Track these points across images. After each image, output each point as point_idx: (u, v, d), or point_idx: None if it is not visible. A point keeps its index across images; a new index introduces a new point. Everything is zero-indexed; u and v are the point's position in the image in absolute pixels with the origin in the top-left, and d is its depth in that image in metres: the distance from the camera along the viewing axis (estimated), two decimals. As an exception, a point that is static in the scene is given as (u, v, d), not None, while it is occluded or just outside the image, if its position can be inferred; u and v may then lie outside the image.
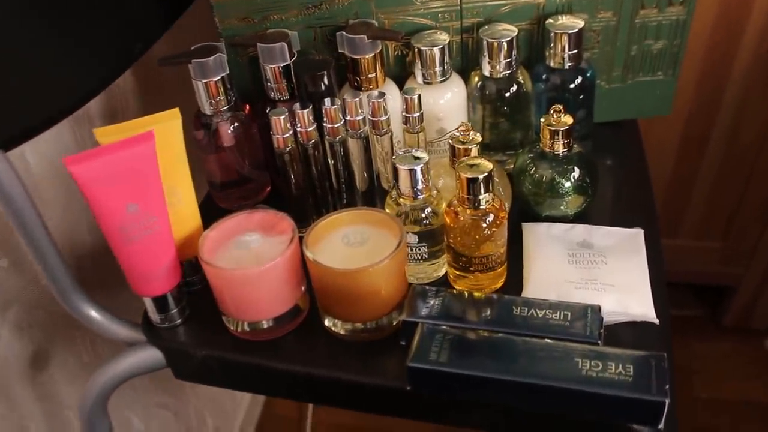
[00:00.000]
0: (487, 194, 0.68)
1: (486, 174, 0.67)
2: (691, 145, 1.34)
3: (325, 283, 0.67)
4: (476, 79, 0.82)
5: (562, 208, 0.77)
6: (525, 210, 0.79)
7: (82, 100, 0.74)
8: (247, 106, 0.82)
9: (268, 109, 0.80)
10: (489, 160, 0.69)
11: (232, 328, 0.71)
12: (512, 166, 0.84)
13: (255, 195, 0.86)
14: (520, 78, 0.80)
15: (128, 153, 0.65)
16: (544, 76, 0.81)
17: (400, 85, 0.82)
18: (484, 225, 0.69)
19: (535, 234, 0.76)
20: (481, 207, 0.68)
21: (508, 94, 0.80)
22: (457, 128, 0.73)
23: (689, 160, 1.36)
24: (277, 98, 0.80)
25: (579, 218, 0.78)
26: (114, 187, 0.65)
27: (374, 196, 0.80)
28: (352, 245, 0.68)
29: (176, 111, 0.69)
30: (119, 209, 0.66)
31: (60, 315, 0.88)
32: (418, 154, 0.70)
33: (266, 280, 0.68)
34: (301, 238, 0.68)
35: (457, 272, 0.72)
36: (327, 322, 0.71)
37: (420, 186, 0.69)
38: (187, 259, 0.74)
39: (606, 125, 0.89)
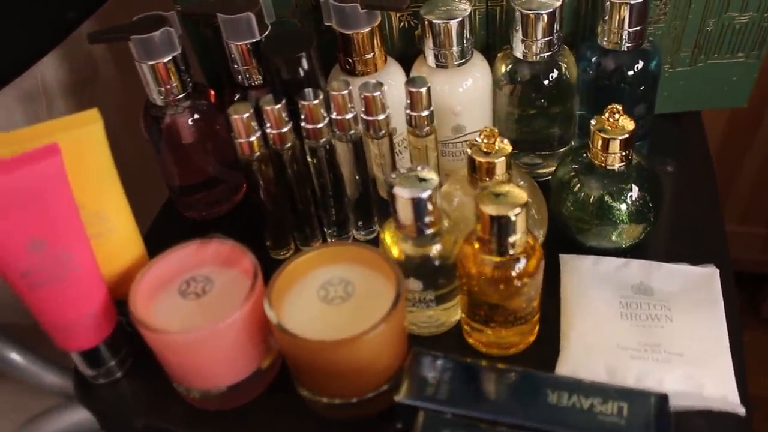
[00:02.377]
0: (518, 236, 0.45)
1: (518, 211, 0.44)
2: (738, 128, 1.08)
3: (297, 355, 0.45)
4: (505, 61, 0.57)
5: (613, 238, 0.53)
6: (563, 236, 0.55)
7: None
8: (212, 92, 0.59)
9: (237, 96, 0.57)
10: (521, 186, 0.46)
11: (182, 392, 0.51)
12: (544, 171, 0.61)
13: (226, 199, 0.63)
14: (563, 61, 0.56)
15: (24, 173, 0.43)
16: (593, 59, 0.56)
17: (407, 66, 0.58)
18: (513, 274, 0.47)
19: (577, 272, 0.53)
20: (509, 253, 0.46)
21: (546, 82, 0.56)
22: (479, 134, 0.50)
23: (735, 142, 1.10)
24: (246, 84, 0.56)
25: (633, 250, 0.55)
26: (6, 220, 0.43)
27: (369, 205, 0.57)
28: (332, 302, 0.46)
29: (95, 112, 0.46)
30: (17, 248, 0.44)
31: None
32: (426, 174, 0.47)
33: (220, 343, 0.46)
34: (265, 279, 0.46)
35: (473, 323, 0.50)
36: (302, 391, 0.50)
37: (426, 219, 0.47)
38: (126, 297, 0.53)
39: (661, 118, 0.65)
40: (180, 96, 0.55)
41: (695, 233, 0.58)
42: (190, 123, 0.57)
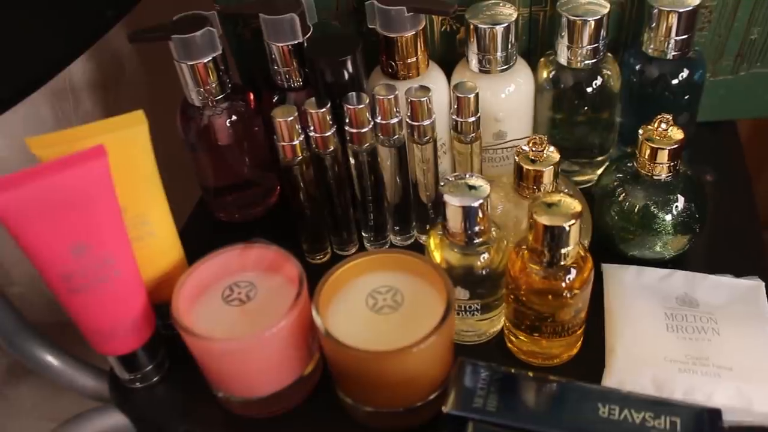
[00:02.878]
0: (570, 247, 0.44)
1: (573, 222, 0.43)
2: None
3: (344, 363, 0.44)
4: (548, 67, 0.56)
5: (657, 248, 0.52)
6: (605, 245, 0.54)
7: (37, 80, 0.50)
8: (251, 95, 0.58)
9: (275, 98, 0.56)
10: (573, 196, 0.45)
11: (221, 398, 0.49)
12: (581, 179, 0.60)
13: (260, 202, 0.62)
14: (607, 68, 0.55)
15: (70, 175, 0.41)
16: (637, 67, 0.55)
17: (447, 70, 0.57)
18: (563, 285, 0.45)
19: (620, 282, 0.52)
20: (560, 264, 0.45)
21: (589, 90, 0.54)
22: (527, 141, 0.49)
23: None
24: (286, 86, 0.55)
25: (674, 260, 0.54)
26: (51, 223, 0.42)
27: (408, 211, 0.56)
28: (381, 311, 0.45)
29: (140, 114, 0.45)
30: (60, 252, 0.43)
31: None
32: (475, 181, 0.46)
33: (264, 352, 0.45)
34: (311, 289, 0.45)
35: (517, 332, 0.49)
36: (344, 399, 0.48)
37: (477, 228, 0.46)
38: (163, 301, 0.51)
39: (698, 126, 0.63)
40: (219, 97, 0.54)
41: (735, 244, 0.56)
42: (228, 124, 0.55)
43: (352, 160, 0.51)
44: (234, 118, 0.55)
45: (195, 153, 0.57)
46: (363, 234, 0.57)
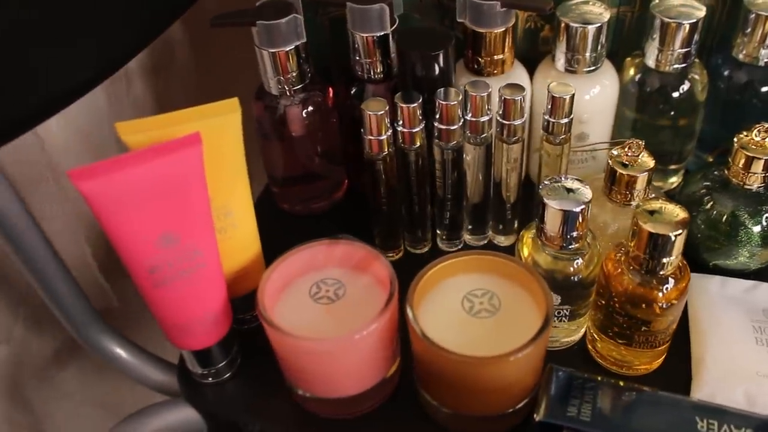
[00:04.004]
0: (673, 257, 0.42)
1: (680, 232, 0.41)
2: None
3: (436, 366, 0.42)
4: (634, 69, 0.54)
5: (743, 259, 0.50)
6: (688, 253, 0.51)
7: (113, 65, 0.47)
8: (330, 90, 0.55)
9: (353, 89, 0.54)
10: (680, 207, 0.43)
11: (298, 396, 0.47)
12: (657, 185, 0.58)
13: (326, 196, 0.59)
14: (695, 74, 0.53)
15: (163, 163, 0.39)
16: (726, 72, 0.53)
17: (529, 68, 0.55)
18: (660, 295, 0.44)
19: (705, 293, 0.50)
20: (659, 273, 0.43)
21: (676, 94, 0.52)
22: (624, 146, 0.47)
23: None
24: (366, 77, 0.52)
25: (758, 271, 0.52)
26: (142, 212, 0.40)
27: (486, 210, 0.54)
28: (478, 314, 0.43)
29: (235, 102, 0.42)
30: (148, 242, 0.40)
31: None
32: (573, 184, 0.44)
33: (352, 354, 0.43)
34: (401, 290, 0.43)
35: (604, 340, 0.47)
36: (430, 401, 0.45)
37: (574, 234, 0.44)
38: (239, 295, 0.50)
39: None
40: (297, 87, 0.52)
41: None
42: (303, 115, 0.53)
43: (436, 157, 0.49)
44: (310, 108, 0.53)
45: (266, 141, 0.55)
46: (437, 232, 0.55)
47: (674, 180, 0.58)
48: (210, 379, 0.48)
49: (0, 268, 0.60)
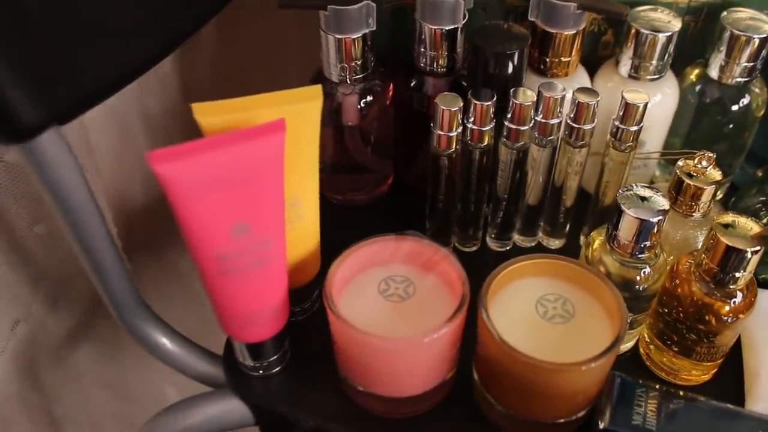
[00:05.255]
0: (746, 272, 0.43)
1: (758, 248, 0.41)
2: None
3: (506, 368, 0.41)
4: (695, 78, 0.54)
5: (792, 274, 0.52)
6: None
7: (170, 45, 0.45)
8: (391, 86, 0.53)
9: (413, 82, 0.53)
10: (754, 220, 0.43)
11: (352, 391, 0.46)
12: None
13: (370, 189, 0.58)
14: (756, 88, 0.53)
15: (245, 150, 0.37)
16: (784, 88, 0.54)
17: (589, 72, 0.54)
18: (726, 309, 0.44)
19: (757, 307, 0.51)
20: (729, 286, 0.43)
21: (735, 108, 0.53)
22: (694, 156, 0.47)
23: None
24: (428, 69, 0.51)
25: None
26: (219, 198, 0.38)
27: (540, 214, 0.54)
28: (552, 320, 0.43)
29: (318, 89, 0.41)
30: (222, 230, 0.39)
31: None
32: (647, 193, 0.44)
33: (418, 355, 0.42)
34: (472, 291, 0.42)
35: (662, 350, 0.47)
36: (495, 406, 0.44)
37: (648, 243, 0.44)
38: (294, 288, 0.48)
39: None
40: (359, 76, 0.50)
41: None
42: (361, 105, 0.52)
43: (501, 156, 0.49)
44: (369, 98, 0.52)
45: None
46: (488, 230, 0.54)
47: (719, 192, 0.59)
48: (261, 372, 0.47)
49: (22, 240, 0.58)
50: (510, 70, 0.48)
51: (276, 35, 0.80)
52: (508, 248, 0.55)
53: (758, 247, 0.41)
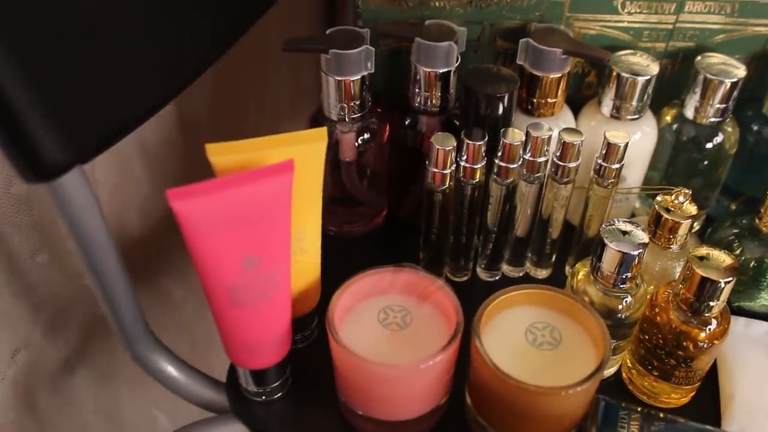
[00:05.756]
0: (720, 301, 0.46)
1: (730, 279, 0.45)
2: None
3: (498, 391, 0.45)
4: (671, 117, 0.58)
5: (763, 302, 0.55)
6: None
7: (180, 86, 0.49)
8: (388, 125, 0.57)
9: (407, 120, 0.56)
10: (727, 253, 0.47)
11: (356, 413, 0.49)
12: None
13: (365, 221, 0.62)
14: (728, 128, 0.58)
15: (257, 188, 0.41)
16: (755, 128, 0.58)
17: (574, 110, 0.58)
18: (702, 335, 0.48)
19: (731, 333, 0.54)
20: (705, 314, 0.47)
21: (709, 146, 0.57)
22: (671, 192, 0.51)
23: None
24: (422, 109, 0.55)
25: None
26: (232, 235, 0.41)
27: (527, 245, 0.57)
28: (541, 347, 0.46)
29: (323, 131, 0.44)
30: (234, 264, 0.42)
31: (100, 316, 0.65)
32: (627, 227, 0.47)
33: (416, 381, 0.45)
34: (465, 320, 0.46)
35: (643, 375, 0.51)
36: (481, 421, 0.48)
37: (629, 274, 0.47)
38: (295, 317, 0.51)
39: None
40: (356, 115, 0.54)
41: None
42: (358, 142, 0.55)
43: (491, 192, 0.52)
44: (366, 136, 0.55)
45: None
46: (479, 261, 0.58)
47: (696, 224, 0.63)
48: (263, 397, 0.50)
49: (24, 269, 0.60)
50: (500, 111, 0.52)
51: (269, 69, 0.84)
52: (497, 278, 0.58)
53: (730, 278, 0.45)
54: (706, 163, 0.58)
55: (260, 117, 0.91)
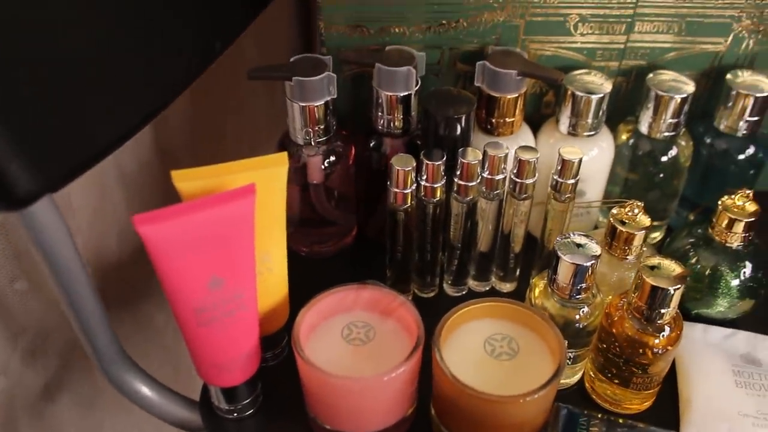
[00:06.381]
0: (671, 308, 0.49)
1: (679, 286, 0.48)
2: None
3: (459, 402, 0.47)
4: (627, 133, 0.61)
5: (721, 308, 0.58)
6: None
7: (150, 116, 0.52)
8: (353, 147, 0.60)
9: (372, 142, 0.59)
10: (677, 262, 0.49)
11: (324, 427, 0.51)
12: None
13: (335, 241, 0.64)
14: (682, 141, 0.61)
15: (220, 212, 0.43)
16: (708, 140, 0.61)
17: (531, 128, 0.61)
18: (656, 342, 0.50)
19: (689, 339, 0.57)
20: (657, 322, 0.50)
21: (664, 159, 0.60)
22: (626, 205, 0.54)
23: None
24: (385, 131, 0.58)
25: (736, 320, 0.59)
26: (197, 257, 0.44)
27: (491, 260, 0.60)
28: (499, 357, 0.49)
29: (284, 156, 0.47)
30: (199, 285, 0.44)
31: (80, 341, 0.67)
32: (582, 240, 0.50)
33: (381, 393, 0.47)
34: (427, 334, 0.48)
35: (603, 382, 0.53)
36: (443, 431, 0.51)
37: (583, 285, 0.50)
38: (265, 335, 0.53)
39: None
40: (322, 139, 0.57)
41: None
42: (325, 165, 0.58)
43: (453, 210, 0.55)
44: (331, 159, 0.58)
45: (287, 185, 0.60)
46: (446, 277, 0.61)
47: (657, 235, 0.66)
48: (235, 414, 0.52)
49: (2, 296, 0.63)
50: (458, 131, 0.55)
51: (246, 94, 0.87)
52: (463, 293, 0.61)
53: (679, 285, 0.47)
54: (662, 175, 0.61)
55: (238, 142, 0.94)
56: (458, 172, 0.53)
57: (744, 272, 0.56)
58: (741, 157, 0.60)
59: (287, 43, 0.90)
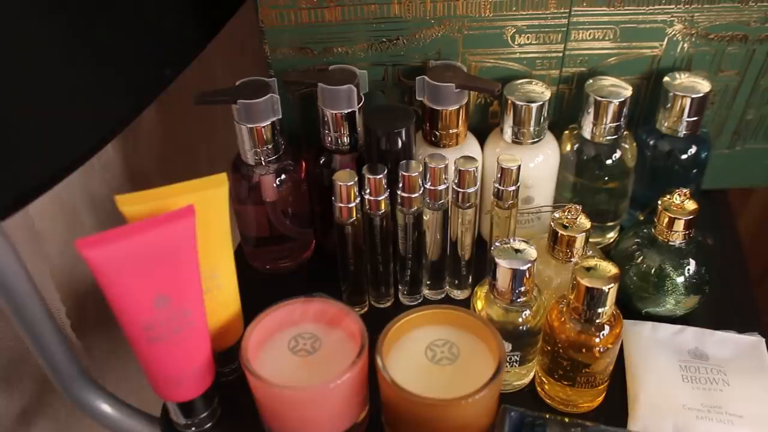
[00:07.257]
0: (607, 307, 0.51)
1: (612, 285, 0.50)
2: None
3: (403, 408, 0.49)
4: (572, 139, 0.64)
5: (669, 306, 0.60)
6: (623, 302, 0.61)
7: (101, 142, 0.55)
8: (303, 164, 0.63)
9: (322, 159, 0.62)
10: (612, 263, 0.52)
11: (274, 442, 0.54)
12: (596, 240, 0.68)
13: (295, 255, 0.67)
14: (625, 144, 0.63)
15: (160, 233, 0.46)
16: (651, 142, 0.64)
17: (480, 138, 0.64)
18: (597, 341, 0.52)
19: (638, 337, 0.60)
20: (596, 321, 0.52)
21: (609, 162, 0.63)
22: (565, 210, 0.56)
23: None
24: (334, 148, 0.61)
25: (685, 317, 0.62)
26: (140, 277, 0.47)
27: (443, 268, 0.62)
28: (440, 362, 0.51)
29: (223, 177, 0.50)
30: (145, 304, 0.47)
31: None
32: (521, 245, 0.52)
33: (328, 401, 0.50)
34: (371, 342, 0.51)
35: (550, 381, 0.56)
36: None
37: (522, 288, 0.52)
38: (220, 350, 0.56)
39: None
40: (272, 158, 0.60)
41: (733, 303, 0.65)
42: (276, 183, 0.61)
43: (399, 221, 0.58)
44: (283, 177, 0.61)
45: (241, 205, 0.63)
46: (400, 287, 0.63)
47: (611, 235, 0.68)
48: (193, 428, 0.55)
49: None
50: (399, 145, 0.57)
51: (218, 117, 0.90)
52: (419, 302, 0.63)
53: (612, 284, 0.50)
54: (609, 178, 0.63)
55: (212, 164, 0.97)
56: (401, 185, 0.56)
57: (688, 269, 0.58)
58: (684, 156, 0.63)
59: (253, 65, 0.94)
